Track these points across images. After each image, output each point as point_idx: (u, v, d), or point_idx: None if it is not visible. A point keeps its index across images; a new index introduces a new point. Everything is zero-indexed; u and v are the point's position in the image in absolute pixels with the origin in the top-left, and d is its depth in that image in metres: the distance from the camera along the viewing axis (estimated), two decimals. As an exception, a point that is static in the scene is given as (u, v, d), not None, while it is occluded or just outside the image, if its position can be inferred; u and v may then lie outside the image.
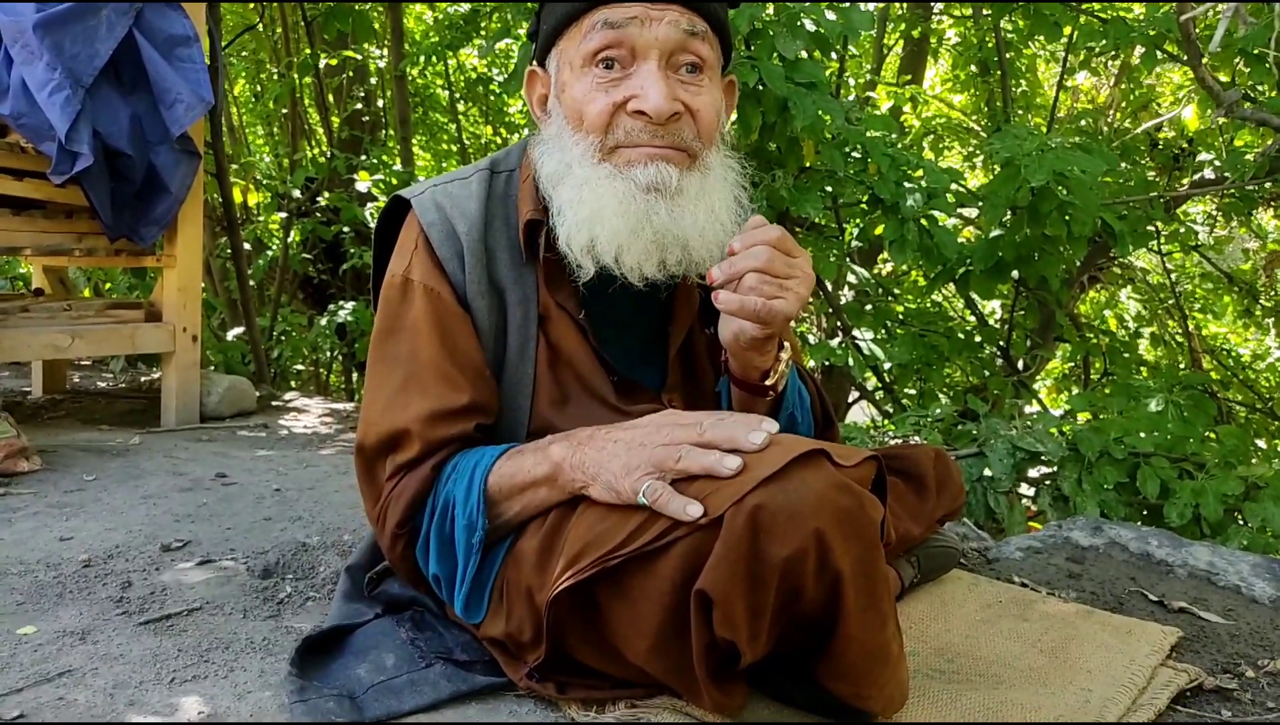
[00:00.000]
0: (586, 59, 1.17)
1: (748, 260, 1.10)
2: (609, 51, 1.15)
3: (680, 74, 1.17)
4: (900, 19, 5.85)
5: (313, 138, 6.33)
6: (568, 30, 1.19)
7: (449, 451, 1.19)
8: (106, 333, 2.90)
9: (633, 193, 1.15)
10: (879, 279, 4.87)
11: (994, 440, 2.47)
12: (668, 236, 1.15)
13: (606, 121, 1.16)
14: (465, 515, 1.14)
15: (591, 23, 1.16)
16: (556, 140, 1.21)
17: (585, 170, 1.17)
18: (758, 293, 1.10)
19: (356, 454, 1.26)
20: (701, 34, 1.17)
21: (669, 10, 1.15)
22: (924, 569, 1.55)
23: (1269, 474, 2.40)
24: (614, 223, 1.14)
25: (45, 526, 1.87)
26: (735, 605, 0.99)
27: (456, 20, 5.52)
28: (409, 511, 1.18)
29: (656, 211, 1.15)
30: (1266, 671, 1.35)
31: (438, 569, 1.19)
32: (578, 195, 1.16)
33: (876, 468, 1.10)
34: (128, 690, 1.20)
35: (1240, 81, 3.67)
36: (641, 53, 1.15)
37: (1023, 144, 2.85)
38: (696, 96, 1.18)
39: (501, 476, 1.15)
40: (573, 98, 1.18)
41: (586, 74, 1.17)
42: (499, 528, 1.18)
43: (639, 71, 1.15)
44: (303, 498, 2.15)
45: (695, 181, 1.18)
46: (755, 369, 1.23)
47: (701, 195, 1.18)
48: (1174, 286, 5.59)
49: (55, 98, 2.49)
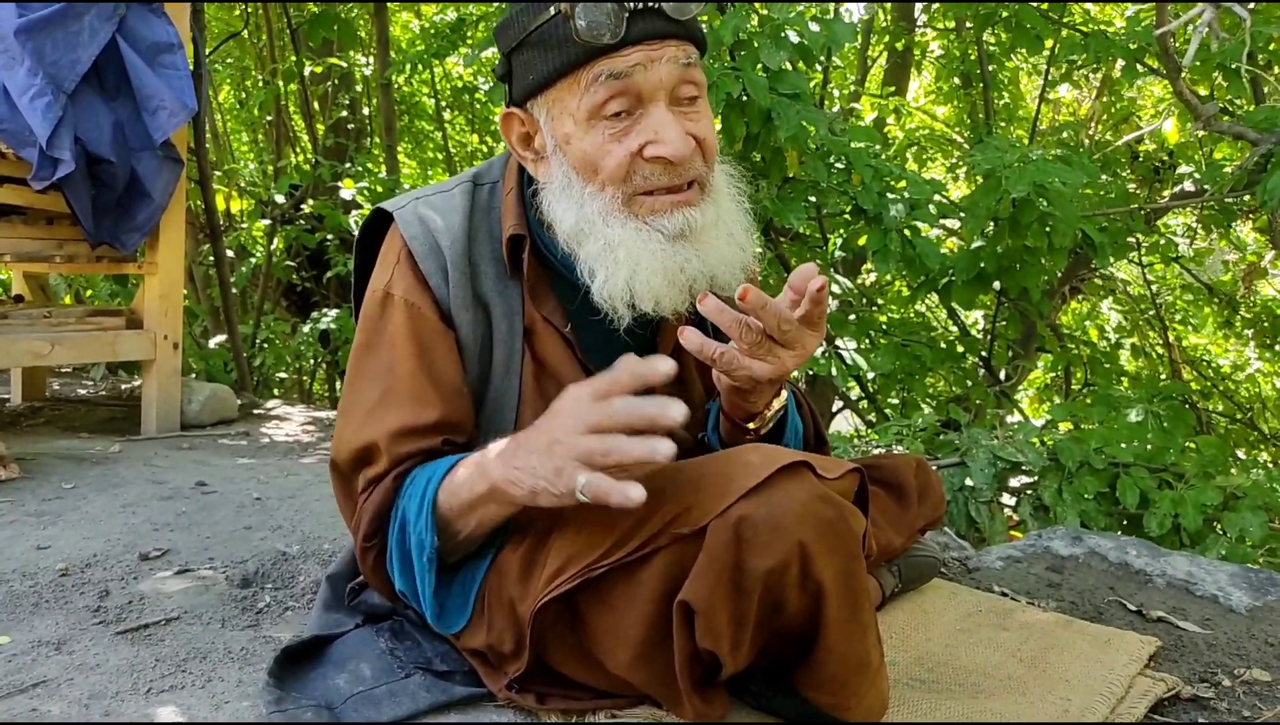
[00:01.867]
0: (592, 112, 1.13)
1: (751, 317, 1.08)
2: (616, 103, 1.12)
3: (682, 105, 1.16)
4: (884, 31, 5.90)
5: (297, 145, 6.31)
6: (561, 81, 1.15)
7: (411, 464, 1.18)
8: (87, 340, 2.88)
9: (664, 245, 1.14)
10: (862, 289, 4.89)
11: (975, 450, 2.49)
12: (699, 276, 1.15)
13: (626, 172, 1.14)
14: (415, 533, 1.13)
15: (592, 75, 1.12)
16: (566, 192, 1.18)
17: (613, 230, 1.15)
18: (738, 339, 1.09)
19: (331, 469, 1.25)
20: (695, 62, 1.16)
21: (666, 48, 1.13)
22: (905, 578, 1.56)
23: (1247, 484, 2.42)
24: (651, 279, 1.14)
25: (22, 535, 1.85)
26: (718, 616, 0.99)
27: (442, 29, 5.52)
28: (373, 525, 1.18)
29: (689, 259, 1.15)
30: (1243, 680, 1.36)
31: (402, 584, 1.18)
32: (611, 256, 1.14)
33: (859, 479, 1.10)
34: (103, 700, 1.19)
35: (1219, 95, 3.72)
36: (649, 96, 1.13)
37: (1004, 156, 2.88)
38: (699, 124, 1.17)
39: (449, 494, 1.13)
40: (583, 151, 1.15)
41: (595, 127, 1.14)
42: (462, 543, 1.16)
43: (650, 116, 1.13)
44: (283, 507, 2.14)
45: (711, 212, 1.17)
46: (740, 410, 1.23)
47: (719, 223, 1.18)
48: (1154, 298, 5.65)
49: (37, 103, 2.47)
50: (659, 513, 1.05)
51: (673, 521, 1.03)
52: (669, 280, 1.14)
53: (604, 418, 0.98)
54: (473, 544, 1.17)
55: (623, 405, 0.98)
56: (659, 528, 1.04)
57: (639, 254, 1.14)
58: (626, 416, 0.98)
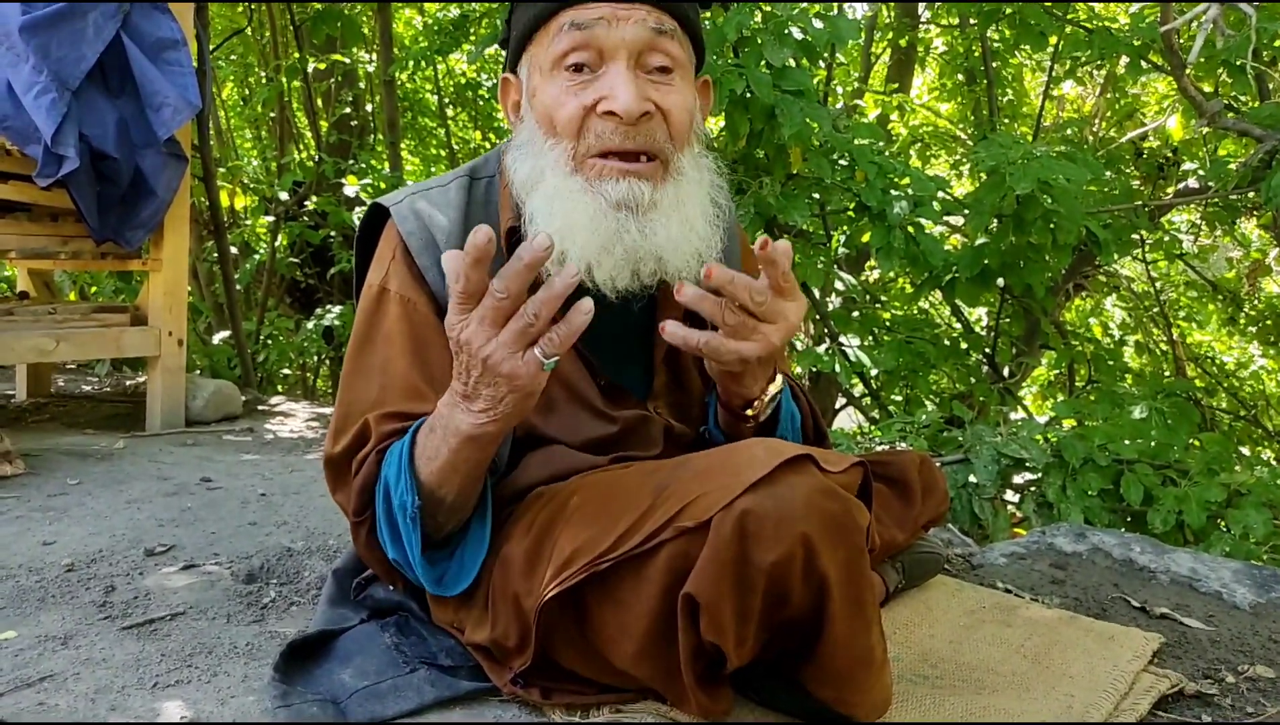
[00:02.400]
0: (555, 62, 1.15)
1: (714, 298, 1.06)
2: (577, 54, 1.14)
3: (651, 74, 1.16)
4: (888, 27, 5.89)
5: (301, 142, 6.31)
6: (536, 34, 1.18)
7: (393, 440, 1.17)
8: (92, 336, 2.88)
9: (604, 210, 1.13)
10: (866, 286, 4.89)
11: (979, 447, 2.49)
12: (640, 252, 1.14)
13: (578, 126, 1.15)
14: (398, 495, 1.13)
15: (559, 25, 1.14)
16: (529, 145, 1.20)
17: (557, 180, 1.15)
18: (721, 324, 1.07)
19: (326, 466, 1.25)
20: (670, 32, 1.16)
21: (636, 9, 1.14)
22: (909, 574, 1.56)
23: (1251, 481, 2.42)
24: (584, 238, 1.12)
25: (28, 531, 1.86)
26: (722, 609, 1.00)
27: (445, 25, 5.52)
28: (361, 499, 1.18)
29: (627, 230, 1.14)
30: (1246, 677, 1.37)
31: (395, 553, 1.18)
32: (549, 207, 1.15)
33: (863, 473, 1.10)
34: (109, 695, 1.19)
35: (1223, 92, 3.71)
36: (610, 53, 1.14)
37: (1008, 152, 2.87)
38: (667, 96, 1.16)
39: (423, 456, 1.11)
40: (543, 103, 1.17)
41: (556, 78, 1.16)
42: (450, 505, 1.13)
43: (608, 72, 1.14)
44: (288, 502, 2.14)
45: (669, 193, 1.17)
46: (736, 397, 1.23)
47: (676, 206, 1.17)
48: (1158, 295, 5.64)
49: (41, 100, 2.48)
50: (663, 506, 1.05)
51: (677, 515, 1.04)
52: (603, 246, 1.12)
53: (493, 306, 0.96)
54: (461, 503, 1.15)
55: (498, 282, 0.96)
56: (663, 521, 1.04)
57: (576, 211, 1.13)
58: (508, 284, 0.95)
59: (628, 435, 1.29)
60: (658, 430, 1.31)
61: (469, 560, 1.19)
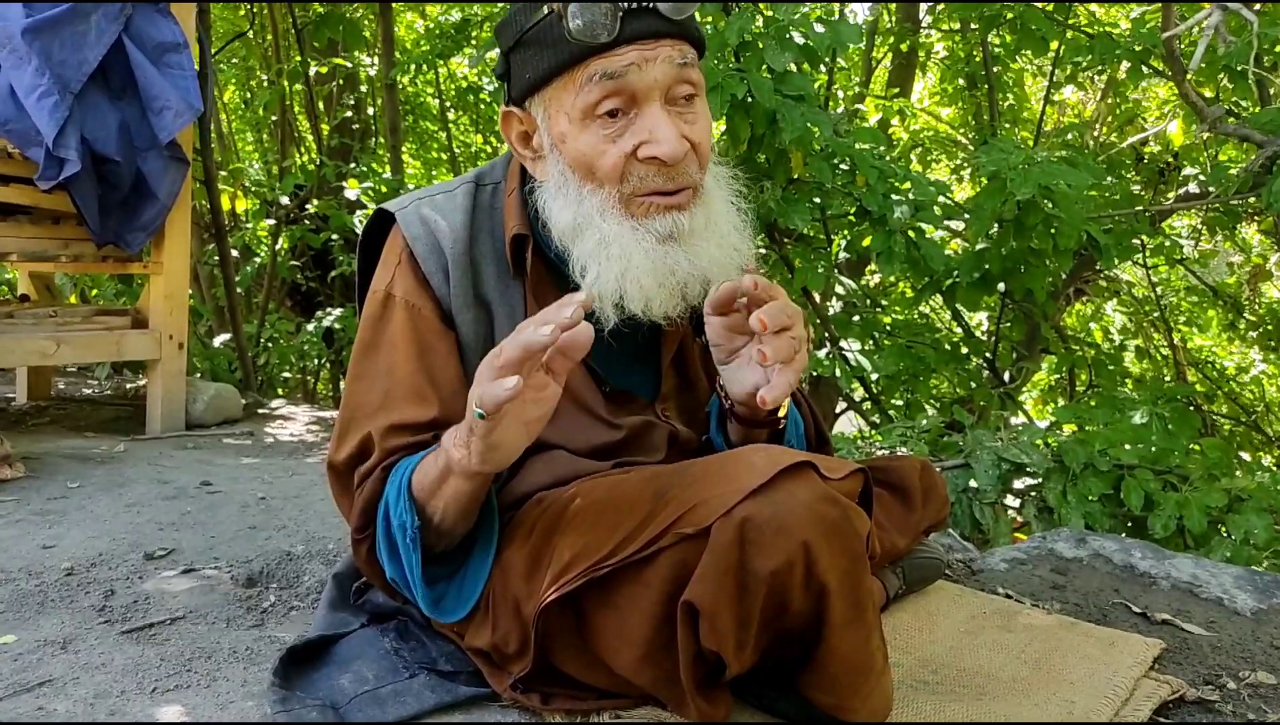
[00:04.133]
0: (586, 111, 1.13)
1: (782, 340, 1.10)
2: (610, 101, 1.12)
3: (678, 105, 1.16)
4: (889, 32, 5.89)
5: (302, 145, 6.31)
6: (557, 80, 1.15)
7: (400, 457, 1.18)
8: (92, 339, 2.89)
9: (654, 246, 1.15)
10: (866, 290, 4.89)
11: (980, 451, 2.48)
12: (690, 278, 1.16)
13: (620, 172, 1.14)
14: (398, 517, 1.14)
15: (587, 75, 1.12)
16: (563, 191, 1.18)
17: (608, 226, 1.15)
18: (786, 360, 1.09)
19: (329, 471, 1.25)
20: (692, 62, 1.16)
21: (661, 47, 1.12)
22: (909, 580, 1.56)
23: (1252, 487, 2.41)
24: (642, 278, 1.14)
25: (28, 534, 1.85)
26: (722, 616, 0.99)
27: (447, 29, 5.53)
28: (364, 517, 1.18)
29: (679, 261, 1.15)
30: (1248, 683, 1.36)
31: (393, 571, 1.18)
32: (605, 252, 1.15)
33: (863, 480, 1.10)
34: (109, 700, 1.19)
35: (1224, 97, 3.71)
36: (643, 96, 1.13)
37: (1009, 158, 2.87)
38: (695, 127, 1.16)
39: (420, 476, 1.13)
40: (578, 150, 1.15)
41: (590, 126, 1.14)
42: (443, 527, 1.15)
43: (644, 115, 1.13)
44: (288, 506, 2.14)
45: (700, 216, 1.17)
46: (759, 410, 1.23)
47: (710, 226, 1.18)
48: (1159, 300, 5.63)
49: (43, 103, 2.48)
50: (663, 513, 1.05)
51: (677, 521, 1.03)
52: (659, 281, 1.14)
53: (505, 359, 0.97)
54: (455, 527, 1.15)
55: (509, 341, 0.97)
56: (663, 528, 1.04)
57: (632, 251, 1.14)
58: (520, 344, 0.96)
59: (632, 441, 1.29)
60: (662, 436, 1.31)
61: (467, 589, 1.19)
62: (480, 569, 1.19)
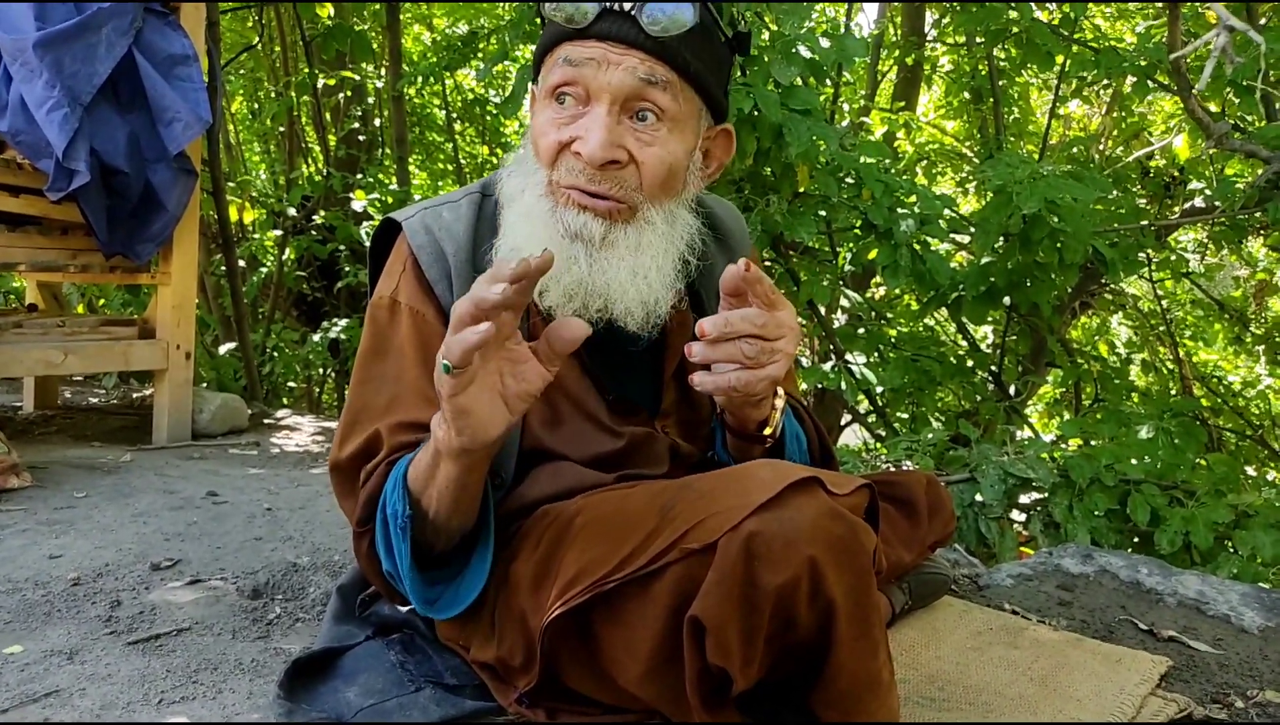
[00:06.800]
0: (549, 91, 1.18)
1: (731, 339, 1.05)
2: (565, 88, 1.16)
3: (635, 122, 1.16)
4: (894, 46, 5.91)
5: (309, 156, 6.34)
6: (547, 57, 1.20)
7: (403, 453, 1.18)
8: (99, 349, 2.89)
9: (558, 237, 1.15)
10: (872, 303, 4.89)
11: (985, 466, 2.48)
12: (584, 287, 1.15)
13: (553, 157, 1.17)
14: (391, 506, 1.14)
15: (556, 57, 1.16)
16: (521, 162, 1.24)
17: (532, 200, 1.19)
18: (744, 362, 1.05)
19: (332, 472, 1.25)
20: (663, 84, 1.15)
21: (629, 56, 1.13)
22: (915, 595, 1.55)
23: (1259, 502, 2.41)
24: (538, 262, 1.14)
25: (34, 544, 1.86)
26: (728, 632, 0.99)
27: (454, 41, 5.56)
28: (366, 510, 1.18)
29: (576, 261, 1.15)
30: (1255, 702, 1.36)
31: (389, 565, 1.18)
32: (515, 223, 1.19)
33: (870, 496, 1.10)
34: (115, 711, 1.19)
35: (1230, 113, 3.71)
36: (595, 95, 1.14)
37: (1015, 171, 2.88)
38: (646, 147, 1.16)
39: (414, 467, 1.12)
40: (536, 126, 1.20)
41: (547, 107, 1.18)
42: (437, 525, 1.14)
43: (589, 113, 1.15)
44: (294, 517, 2.14)
45: (630, 236, 1.17)
46: (751, 421, 1.23)
47: (631, 251, 1.17)
48: (1165, 313, 5.63)
49: (54, 115, 2.50)
50: (669, 528, 1.05)
51: (684, 536, 1.03)
52: (552, 273, 1.11)
53: (458, 314, 0.95)
54: (450, 520, 1.14)
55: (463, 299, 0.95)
56: (669, 543, 1.04)
57: (538, 231, 1.16)
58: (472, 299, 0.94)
59: (634, 451, 1.29)
60: (664, 448, 1.31)
61: (465, 590, 1.19)
62: (479, 570, 1.19)
